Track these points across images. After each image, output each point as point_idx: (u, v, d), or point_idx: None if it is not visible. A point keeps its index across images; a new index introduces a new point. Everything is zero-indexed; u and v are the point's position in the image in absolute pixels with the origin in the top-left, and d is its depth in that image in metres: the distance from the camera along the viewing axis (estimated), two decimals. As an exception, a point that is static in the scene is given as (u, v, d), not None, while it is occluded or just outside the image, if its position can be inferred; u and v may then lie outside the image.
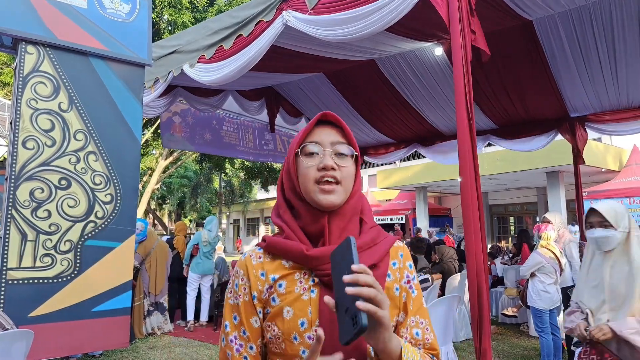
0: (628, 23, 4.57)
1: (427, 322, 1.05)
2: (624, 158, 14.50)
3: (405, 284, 1.05)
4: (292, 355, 0.97)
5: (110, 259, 2.89)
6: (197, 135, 6.84)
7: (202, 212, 30.56)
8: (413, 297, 1.05)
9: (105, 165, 2.82)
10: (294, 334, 0.96)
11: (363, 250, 0.99)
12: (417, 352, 0.95)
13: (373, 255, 1.00)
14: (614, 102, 6.26)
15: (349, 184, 1.02)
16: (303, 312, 0.97)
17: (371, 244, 1.01)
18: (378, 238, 1.04)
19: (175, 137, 6.55)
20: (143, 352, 5.56)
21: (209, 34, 4.07)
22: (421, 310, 1.05)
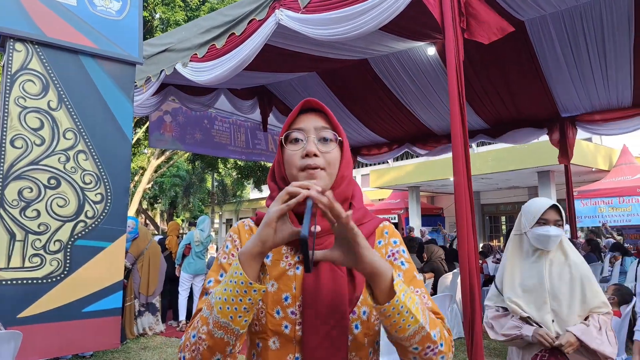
0: (618, 24, 4.61)
1: (422, 290, 1.01)
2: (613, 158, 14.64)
3: (391, 257, 1.05)
4: (273, 331, 0.96)
5: (101, 259, 2.86)
6: (188, 135, 6.80)
7: (195, 212, 30.41)
8: (403, 269, 1.03)
9: (95, 165, 2.79)
10: (277, 307, 0.97)
11: None
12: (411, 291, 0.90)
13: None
14: (604, 102, 6.32)
15: (333, 169, 1.03)
16: (287, 287, 0.97)
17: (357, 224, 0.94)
18: (364, 219, 1.06)
19: (164, 137, 6.50)
20: (134, 352, 5.52)
21: (201, 32, 4.04)
22: (414, 281, 1.02)
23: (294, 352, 0.95)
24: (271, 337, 0.97)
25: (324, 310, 0.93)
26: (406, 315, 0.85)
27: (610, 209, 12.21)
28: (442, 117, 6.87)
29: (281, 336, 0.96)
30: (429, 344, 0.89)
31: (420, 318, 0.86)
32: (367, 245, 0.84)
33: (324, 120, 1.06)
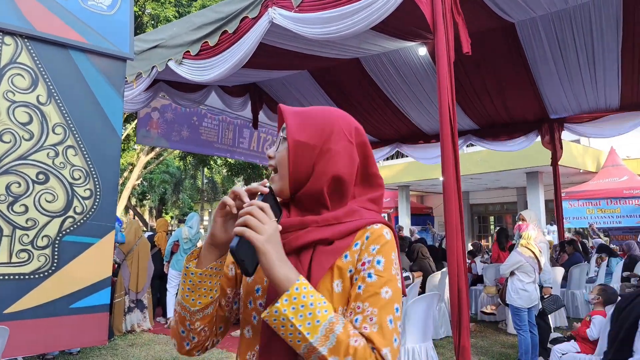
0: (606, 28, 4.68)
1: (374, 311, 0.89)
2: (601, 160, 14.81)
3: (361, 266, 0.94)
4: (246, 321, 1.01)
5: (89, 255, 2.84)
6: (174, 132, 6.77)
7: (184, 209, 30.26)
8: (367, 282, 0.91)
9: (84, 160, 2.77)
10: (250, 298, 1.00)
11: (320, 226, 0.97)
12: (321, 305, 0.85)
13: (328, 231, 0.96)
14: (593, 104, 6.40)
15: (282, 169, 1.00)
16: (260, 280, 1.00)
17: (333, 222, 0.97)
18: (345, 217, 0.98)
19: (150, 134, 6.47)
20: (122, 349, 5.49)
21: (193, 29, 4.03)
22: (373, 298, 0.90)
23: (260, 343, 0.97)
24: (245, 326, 1.01)
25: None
26: (291, 329, 0.83)
27: (598, 211, 12.37)
28: (433, 117, 6.91)
29: (252, 326, 0.99)
30: None
31: (312, 337, 0.82)
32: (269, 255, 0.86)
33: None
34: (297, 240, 0.96)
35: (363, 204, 1.03)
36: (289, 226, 0.98)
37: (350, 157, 1.01)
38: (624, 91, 5.92)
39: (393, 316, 0.90)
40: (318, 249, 0.96)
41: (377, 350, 0.86)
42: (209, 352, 5.35)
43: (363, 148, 1.04)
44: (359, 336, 0.86)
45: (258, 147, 8.34)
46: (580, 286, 6.89)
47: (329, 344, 0.83)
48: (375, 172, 1.06)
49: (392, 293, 0.92)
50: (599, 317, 3.80)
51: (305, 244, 0.96)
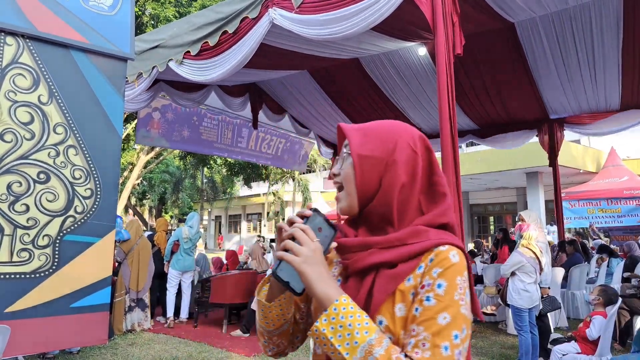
0: (606, 28, 4.68)
1: (428, 337, 0.86)
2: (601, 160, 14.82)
3: (420, 289, 0.91)
4: None
5: (90, 255, 2.84)
6: (175, 132, 6.77)
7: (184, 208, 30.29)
8: (424, 305, 0.89)
9: (85, 160, 2.77)
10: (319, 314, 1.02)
11: (383, 247, 0.95)
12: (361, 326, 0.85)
13: (392, 254, 0.94)
14: (593, 104, 6.41)
15: (348, 186, 1.00)
16: None
17: (396, 243, 0.95)
18: (410, 239, 0.95)
19: (150, 134, 6.48)
20: (122, 348, 5.50)
21: (193, 29, 4.03)
22: (429, 322, 0.87)
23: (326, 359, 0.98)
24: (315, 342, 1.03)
25: None
26: (331, 349, 0.85)
27: (599, 211, 12.36)
28: (432, 117, 6.91)
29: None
30: None
31: (351, 359, 0.83)
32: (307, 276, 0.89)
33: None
34: (359, 263, 0.96)
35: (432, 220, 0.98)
36: (350, 246, 0.98)
37: (415, 166, 0.99)
38: (624, 91, 5.93)
39: (450, 343, 0.85)
40: (381, 272, 0.95)
41: None
42: (209, 351, 5.36)
43: (428, 156, 1.02)
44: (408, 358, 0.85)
45: (256, 146, 8.34)
46: (581, 287, 6.89)
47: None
48: (440, 180, 1.02)
49: (451, 319, 0.87)
50: (599, 317, 3.80)
51: (368, 266, 0.95)
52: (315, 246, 0.91)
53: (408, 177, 0.97)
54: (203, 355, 5.22)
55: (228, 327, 6.44)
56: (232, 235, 34.99)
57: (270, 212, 31.43)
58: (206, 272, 8.14)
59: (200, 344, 5.72)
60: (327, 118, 7.37)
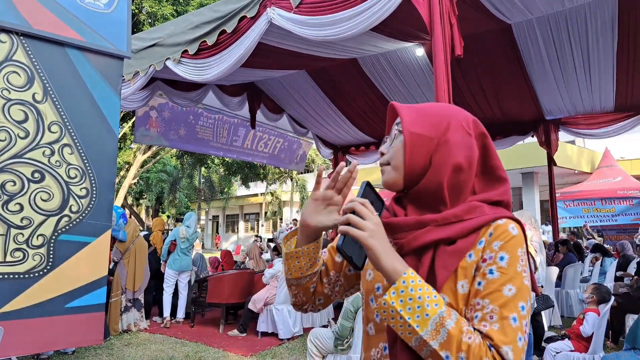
0: (602, 30, 4.70)
1: (496, 309, 0.85)
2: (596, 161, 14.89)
3: (482, 262, 0.90)
4: (368, 318, 1.04)
5: (85, 254, 2.83)
6: (172, 131, 6.77)
7: (181, 208, 30.21)
8: (488, 279, 0.88)
9: (80, 159, 2.76)
10: (371, 296, 1.03)
11: (439, 225, 0.94)
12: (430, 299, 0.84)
13: (450, 230, 0.93)
14: (588, 106, 6.43)
15: (396, 162, 1.00)
16: (380, 277, 1.01)
17: (453, 220, 0.94)
18: (467, 215, 0.94)
19: (149, 133, 6.47)
20: (117, 349, 5.48)
21: (191, 27, 4.02)
22: (494, 295, 0.86)
23: (384, 340, 0.97)
24: (368, 324, 1.04)
25: None
26: (400, 322, 0.84)
27: (594, 210, 12.43)
28: (430, 117, 6.92)
29: (374, 324, 1.01)
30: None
31: (422, 330, 0.82)
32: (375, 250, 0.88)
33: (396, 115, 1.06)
34: (417, 241, 0.94)
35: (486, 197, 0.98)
36: (405, 225, 0.97)
37: (469, 148, 0.97)
38: (618, 93, 5.95)
39: (518, 314, 0.85)
40: (440, 249, 0.93)
41: (496, 347, 0.82)
42: (206, 351, 5.34)
43: (483, 140, 1.00)
44: (473, 333, 0.83)
45: (252, 144, 8.33)
46: (575, 286, 6.91)
47: (440, 338, 0.82)
48: (497, 164, 1.01)
49: (516, 290, 0.87)
50: (592, 314, 3.82)
51: (426, 244, 0.94)
52: (377, 220, 0.91)
53: (462, 159, 0.96)
54: (200, 355, 5.21)
55: (225, 327, 6.43)
56: (230, 235, 34.95)
57: (268, 212, 31.40)
58: (203, 272, 8.12)
59: (197, 344, 5.70)
60: (325, 118, 7.37)
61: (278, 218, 31.37)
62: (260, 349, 5.41)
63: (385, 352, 0.97)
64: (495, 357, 0.81)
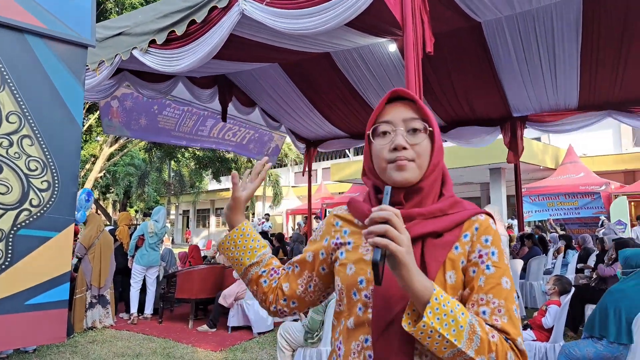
0: (567, 32, 4.83)
1: (502, 303, 0.91)
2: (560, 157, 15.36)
3: (477, 258, 0.96)
4: (350, 312, 1.04)
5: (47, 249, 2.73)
6: (133, 121, 6.63)
7: (150, 203, 29.61)
8: (487, 274, 0.94)
9: (41, 150, 2.65)
10: (354, 289, 1.02)
11: (426, 218, 0.98)
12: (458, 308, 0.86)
13: (434, 224, 0.97)
14: (553, 103, 6.61)
15: (423, 161, 1.01)
16: (363, 271, 1.02)
17: (438, 214, 0.99)
18: (451, 209, 1.00)
19: (112, 123, 6.32)
20: (82, 346, 5.34)
21: (159, 17, 3.92)
22: (496, 289, 0.92)
23: (365, 333, 0.99)
24: (349, 317, 1.04)
25: (392, 295, 0.95)
26: (438, 339, 0.84)
27: (558, 204, 12.87)
28: (401, 112, 6.98)
29: (356, 317, 1.01)
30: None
31: (460, 343, 0.84)
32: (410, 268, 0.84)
33: (412, 109, 1.03)
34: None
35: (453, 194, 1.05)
36: None
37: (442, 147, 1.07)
38: (582, 91, 6.14)
39: (515, 305, 0.93)
40: (428, 242, 0.97)
41: (512, 340, 0.88)
42: (174, 347, 5.26)
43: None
44: (492, 330, 0.88)
45: (219, 133, 8.23)
46: (538, 277, 7.14)
47: (474, 346, 0.85)
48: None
49: (511, 282, 0.94)
50: (554, 306, 3.94)
51: (415, 237, 0.96)
52: (408, 235, 0.87)
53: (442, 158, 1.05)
54: (168, 352, 5.13)
55: (195, 323, 6.35)
56: (201, 230, 34.52)
57: (240, 207, 31.09)
58: (172, 267, 7.99)
59: (165, 340, 5.61)
60: (298, 112, 7.34)
61: (250, 213, 31.17)
62: (231, 344, 5.37)
63: (366, 344, 0.98)
64: (514, 349, 0.88)
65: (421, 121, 1.02)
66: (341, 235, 1.12)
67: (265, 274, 1.20)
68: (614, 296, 3.35)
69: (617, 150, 18.83)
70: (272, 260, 1.23)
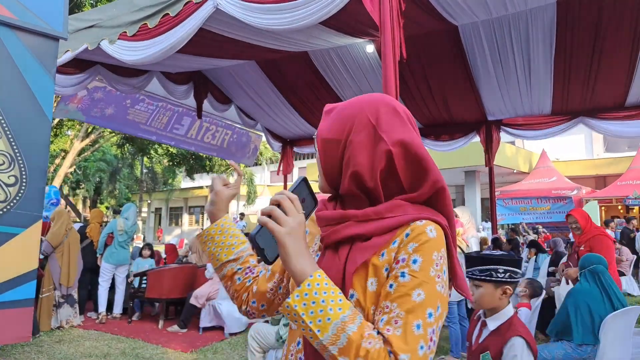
0: (541, 37, 4.93)
1: (403, 315, 0.83)
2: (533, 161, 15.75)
3: (395, 264, 0.89)
4: None
5: (13, 246, 2.64)
6: (96, 108, 6.49)
7: (121, 199, 28.98)
8: (399, 281, 0.86)
9: (9, 144, 2.57)
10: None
11: (359, 221, 0.95)
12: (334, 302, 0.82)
13: (366, 227, 0.93)
14: (527, 108, 6.75)
15: (318, 167, 1.06)
16: None
17: (373, 217, 0.93)
18: (388, 213, 0.93)
19: (67, 107, 6.17)
20: (48, 346, 5.18)
21: (134, 10, 3.83)
22: (403, 299, 0.85)
23: (300, 335, 0.98)
24: None
25: None
26: (303, 325, 0.83)
27: (530, 209, 13.17)
28: (378, 114, 7.02)
29: None
30: None
31: (322, 335, 0.80)
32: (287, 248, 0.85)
33: None
34: (336, 235, 0.96)
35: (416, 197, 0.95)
36: (329, 219, 0.99)
37: (374, 146, 0.94)
38: (555, 98, 6.29)
39: (424, 321, 0.83)
40: (355, 245, 0.95)
41: (395, 354, 0.80)
42: (144, 348, 5.16)
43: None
44: (375, 338, 0.82)
45: (198, 135, 8.11)
46: (510, 280, 7.27)
47: (339, 344, 0.80)
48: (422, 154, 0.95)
49: (425, 296, 0.85)
50: (524, 309, 4.02)
51: (343, 239, 0.95)
52: (300, 219, 0.88)
53: (365, 158, 0.94)
54: (137, 352, 5.02)
55: (165, 323, 6.24)
56: (173, 228, 34.00)
57: (213, 205, 30.78)
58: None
59: (134, 340, 5.50)
60: (275, 110, 7.30)
61: (224, 211, 30.84)
62: (202, 345, 5.30)
63: (299, 346, 0.98)
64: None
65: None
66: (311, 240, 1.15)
67: (240, 272, 1.19)
68: (572, 298, 3.48)
69: (588, 156, 19.42)
70: (249, 258, 1.21)
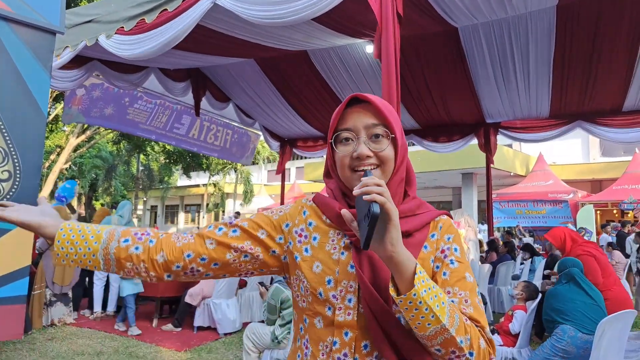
0: (541, 41, 4.92)
1: (468, 294, 0.95)
2: (530, 164, 15.77)
3: (440, 254, 1.00)
4: (316, 311, 1.00)
5: (6, 243, 2.60)
6: (96, 109, 6.44)
7: (116, 197, 28.84)
8: (451, 268, 0.98)
9: (3, 139, 2.53)
10: (320, 289, 0.99)
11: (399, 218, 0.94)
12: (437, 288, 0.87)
13: (407, 224, 0.99)
14: (525, 111, 6.75)
15: (387, 166, 1.01)
16: (331, 271, 1.00)
17: (409, 214, 1.01)
18: (418, 210, 1.04)
19: (71, 111, 6.14)
20: (40, 343, 5.13)
21: (132, 5, 3.80)
22: (461, 282, 0.96)
23: (333, 335, 0.97)
24: (316, 316, 1.01)
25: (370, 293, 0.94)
26: (425, 312, 0.83)
27: (526, 212, 13.17)
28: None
29: (324, 317, 0.99)
30: (453, 349, 0.86)
31: (444, 319, 0.84)
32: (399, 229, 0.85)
33: (372, 113, 1.01)
34: None
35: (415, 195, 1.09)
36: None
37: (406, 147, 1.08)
38: (553, 101, 6.28)
39: (479, 298, 0.97)
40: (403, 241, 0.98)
41: (482, 328, 0.92)
42: (137, 346, 5.12)
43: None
44: (464, 316, 0.90)
45: (200, 135, 8.06)
46: (506, 283, 7.27)
47: (455, 324, 0.85)
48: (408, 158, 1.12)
49: (473, 278, 0.99)
50: (520, 312, 4.01)
51: None
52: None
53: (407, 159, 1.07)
54: (130, 350, 4.98)
55: (159, 321, 6.19)
56: (169, 227, 33.90)
57: (210, 204, 30.72)
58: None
59: (127, 339, 5.45)
60: (273, 109, 7.26)
61: (220, 210, 30.80)
62: (196, 344, 5.26)
63: (335, 346, 0.96)
64: (484, 336, 0.92)
65: (382, 127, 1.00)
66: (306, 227, 1.07)
67: (130, 242, 1.03)
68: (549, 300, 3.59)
69: (585, 160, 19.49)
70: (129, 229, 1.07)
